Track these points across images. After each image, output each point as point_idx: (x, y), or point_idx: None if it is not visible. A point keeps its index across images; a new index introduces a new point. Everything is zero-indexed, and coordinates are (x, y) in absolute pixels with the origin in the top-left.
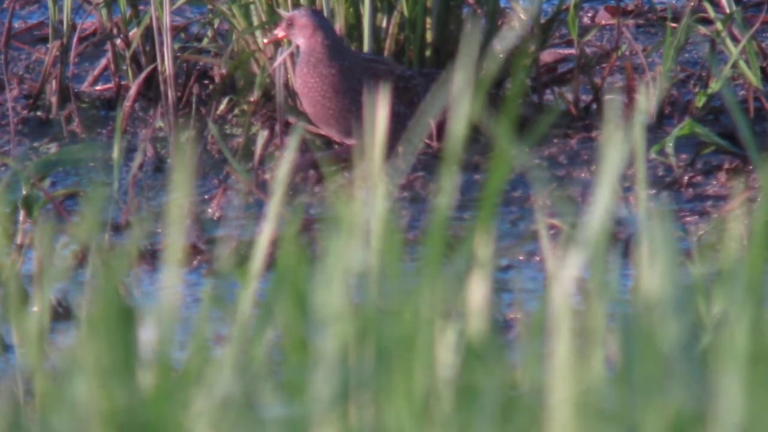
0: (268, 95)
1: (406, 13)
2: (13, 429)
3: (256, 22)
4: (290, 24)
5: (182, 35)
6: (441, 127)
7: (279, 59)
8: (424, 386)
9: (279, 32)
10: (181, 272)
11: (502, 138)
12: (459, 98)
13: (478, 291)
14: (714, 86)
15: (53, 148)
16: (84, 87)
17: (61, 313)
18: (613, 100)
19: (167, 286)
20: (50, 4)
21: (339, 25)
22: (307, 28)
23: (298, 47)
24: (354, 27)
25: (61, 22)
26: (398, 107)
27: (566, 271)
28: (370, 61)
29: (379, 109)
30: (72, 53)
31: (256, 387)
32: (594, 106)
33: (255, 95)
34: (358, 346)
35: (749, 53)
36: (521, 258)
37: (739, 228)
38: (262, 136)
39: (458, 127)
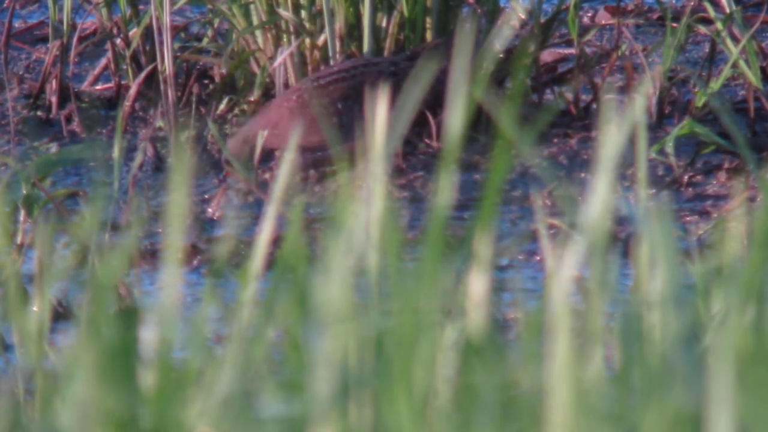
0: (268, 95)
1: (406, 13)
2: (13, 429)
3: (256, 21)
4: (246, 140)
5: (182, 35)
6: (441, 127)
7: (279, 59)
8: (424, 386)
9: (241, 147)
10: (181, 272)
11: (502, 137)
12: (456, 96)
13: (477, 290)
14: (714, 86)
15: (53, 147)
16: (84, 87)
17: (61, 313)
18: (611, 100)
19: (167, 286)
20: (50, 3)
21: (339, 25)
22: (254, 128)
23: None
24: (354, 27)
25: (61, 21)
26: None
27: (565, 270)
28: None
29: (378, 112)
30: (72, 53)
31: (256, 387)
32: (594, 105)
33: (255, 95)
34: (358, 345)
35: (749, 53)
36: (521, 257)
37: (739, 228)
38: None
39: (456, 125)
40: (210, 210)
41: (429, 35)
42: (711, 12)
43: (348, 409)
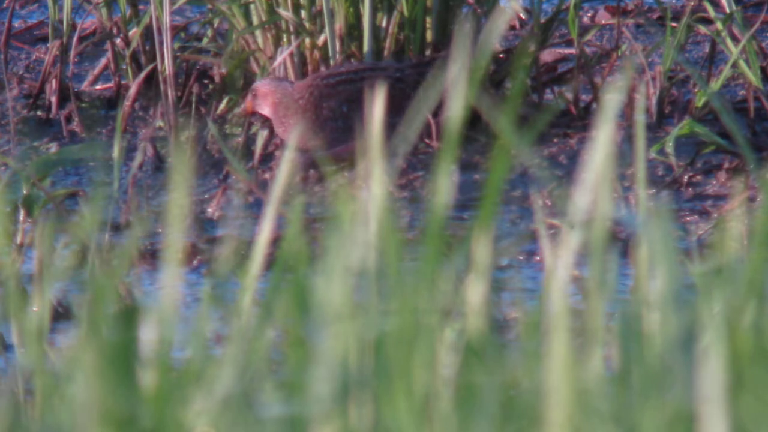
0: None
1: (406, 12)
2: (13, 429)
3: (255, 21)
4: (255, 95)
5: (182, 35)
6: (441, 127)
7: (279, 59)
8: (424, 386)
9: (248, 104)
10: (181, 272)
11: (502, 137)
12: (455, 95)
13: (477, 290)
14: (714, 86)
15: (53, 147)
16: (84, 86)
17: (61, 313)
18: (610, 99)
19: (167, 286)
20: (50, 3)
21: (339, 25)
22: (268, 96)
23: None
24: (354, 27)
25: (61, 21)
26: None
27: (564, 270)
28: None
29: (375, 116)
30: (72, 53)
31: (256, 386)
32: (594, 105)
33: None
34: (358, 345)
35: (749, 53)
36: (521, 257)
37: (739, 228)
38: (262, 135)
39: (454, 123)
40: (210, 210)
41: (429, 35)
42: (711, 12)
43: (348, 409)
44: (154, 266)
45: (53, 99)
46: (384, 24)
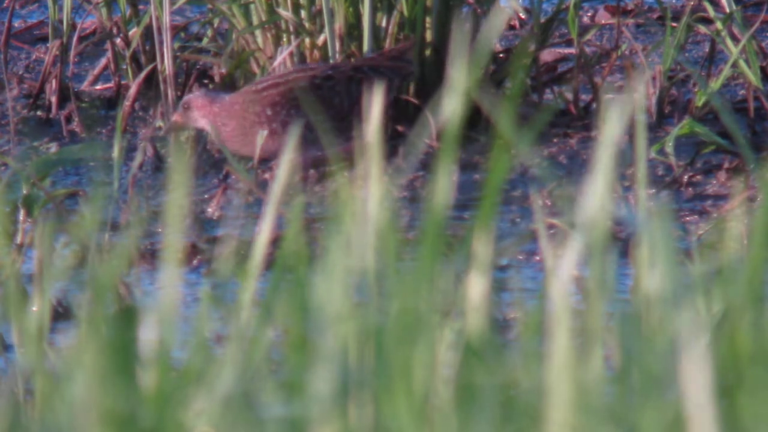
0: None
1: (406, 12)
2: (13, 429)
3: (256, 21)
4: (188, 108)
5: (182, 34)
6: (441, 126)
7: (279, 59)
8: (424, 385)
9: (177, 117)
10: (181, 272)
11: (502, 136)
12: (454, 94)
13: (477, 290)
14: (714, 85)
15: (53, 147)
16: (84, 86)
17: (61, 313)
18: (611, 99)
19: (167, 286)
20: (50, 3)
21: (339, 25)
22: (205, 107)
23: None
24: (354, 26)
25: (60, 21)
26: (311, 116)
27: (565, 270)
28: (269, 87)
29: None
30: (72, 53)
31: (256, 386)
32: (594, 105)
33: None
34: (358, 345)
35: (749, 53)
36: (521, 257)
37: (739, 228)
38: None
39: (453, 123)
40: (210, 210)
41: (429, 35)
42: (711, 12)
43: (348, 409)
44: (154, 266)
45: (53, 99)
46: (384, 24)
